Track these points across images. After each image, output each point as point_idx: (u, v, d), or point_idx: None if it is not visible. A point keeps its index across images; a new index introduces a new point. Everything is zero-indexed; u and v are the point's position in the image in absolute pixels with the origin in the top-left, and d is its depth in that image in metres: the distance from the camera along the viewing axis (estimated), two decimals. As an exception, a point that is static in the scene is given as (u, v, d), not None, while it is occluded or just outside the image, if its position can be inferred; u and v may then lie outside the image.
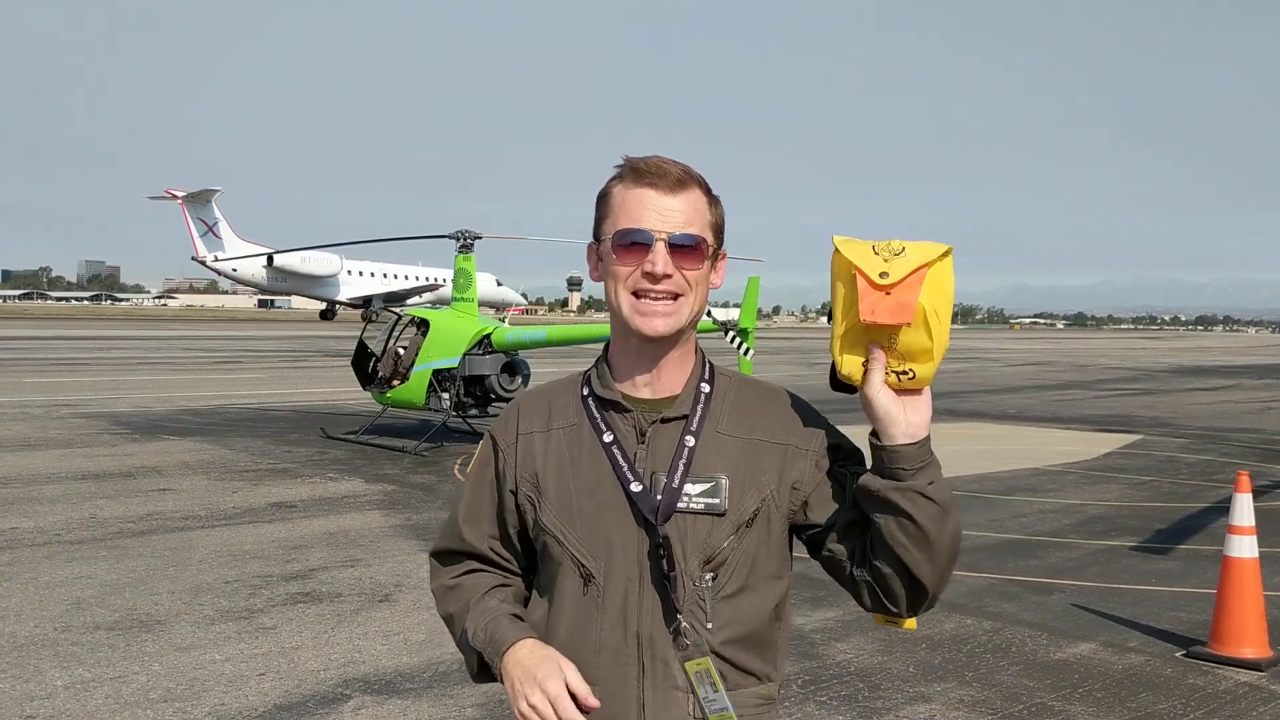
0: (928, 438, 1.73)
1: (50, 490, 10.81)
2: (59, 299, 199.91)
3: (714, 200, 1.85)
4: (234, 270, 59.80)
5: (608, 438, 1.83)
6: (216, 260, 58.27)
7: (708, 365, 1.91)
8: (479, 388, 15.03)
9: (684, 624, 1.74)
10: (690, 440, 1.81)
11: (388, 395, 15.25)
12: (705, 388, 1.86)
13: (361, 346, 15.70)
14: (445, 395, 14.75)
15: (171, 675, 5.61)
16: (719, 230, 1.85)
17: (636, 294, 1.78)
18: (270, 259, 56.21)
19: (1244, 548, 6.10)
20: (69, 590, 7.16)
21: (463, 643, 1.91)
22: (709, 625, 1.76)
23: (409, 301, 58.75)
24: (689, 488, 1.78)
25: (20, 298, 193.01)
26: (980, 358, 51.69)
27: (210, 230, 58.32)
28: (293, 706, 5.22)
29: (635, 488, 1.77)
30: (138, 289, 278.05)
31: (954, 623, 6.83)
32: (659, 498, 1.77)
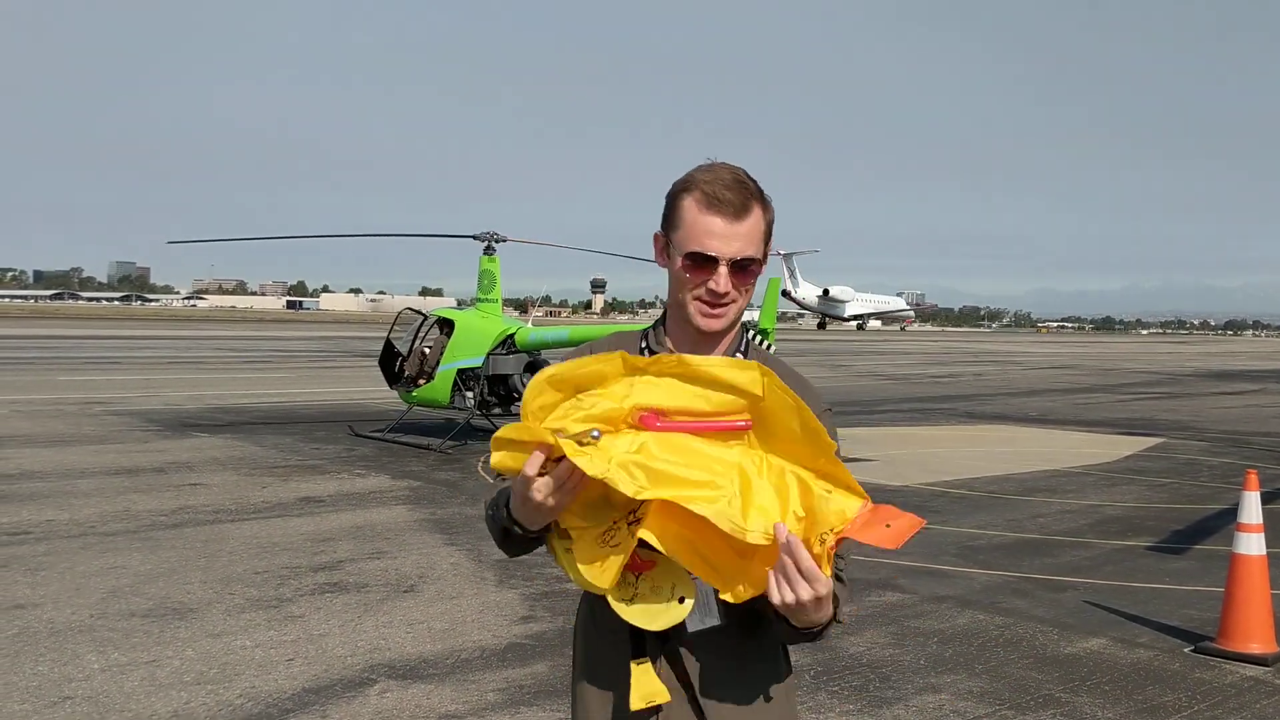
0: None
1: (85, 484, 11.08)
2: (90, 299, 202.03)
3: (766, 207, 2.12)
4: (802, 299, 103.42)
5: None
6: (793, 292, 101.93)
7: (745, 340, 2.22)
8: (502, 387, 15.24)
9: None
10: None
11: (414, 394, 15.47)
12: (739, 356, 2.17)
13: (389, 346, 15.93)
14: (469, 394, 14.96)
15: (204, 660, 5.81)
16: (769, 233, 2.18)
17: (698, 299, 2.10)
18: (826, 291, 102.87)
19: (1252, 545, 6.19)
20: (105, 579, 7.39)
21: (491, 526, 2.12)
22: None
23: (869, 323, 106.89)
24: None
25: (51, 298, 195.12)
26: (1004, 361, 51.54)
27: (792, 274, 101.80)
28: (320, 690, 5.42)
29: None
30: (167, 289, 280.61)
31: (966, 618, 6.96)
32: None
